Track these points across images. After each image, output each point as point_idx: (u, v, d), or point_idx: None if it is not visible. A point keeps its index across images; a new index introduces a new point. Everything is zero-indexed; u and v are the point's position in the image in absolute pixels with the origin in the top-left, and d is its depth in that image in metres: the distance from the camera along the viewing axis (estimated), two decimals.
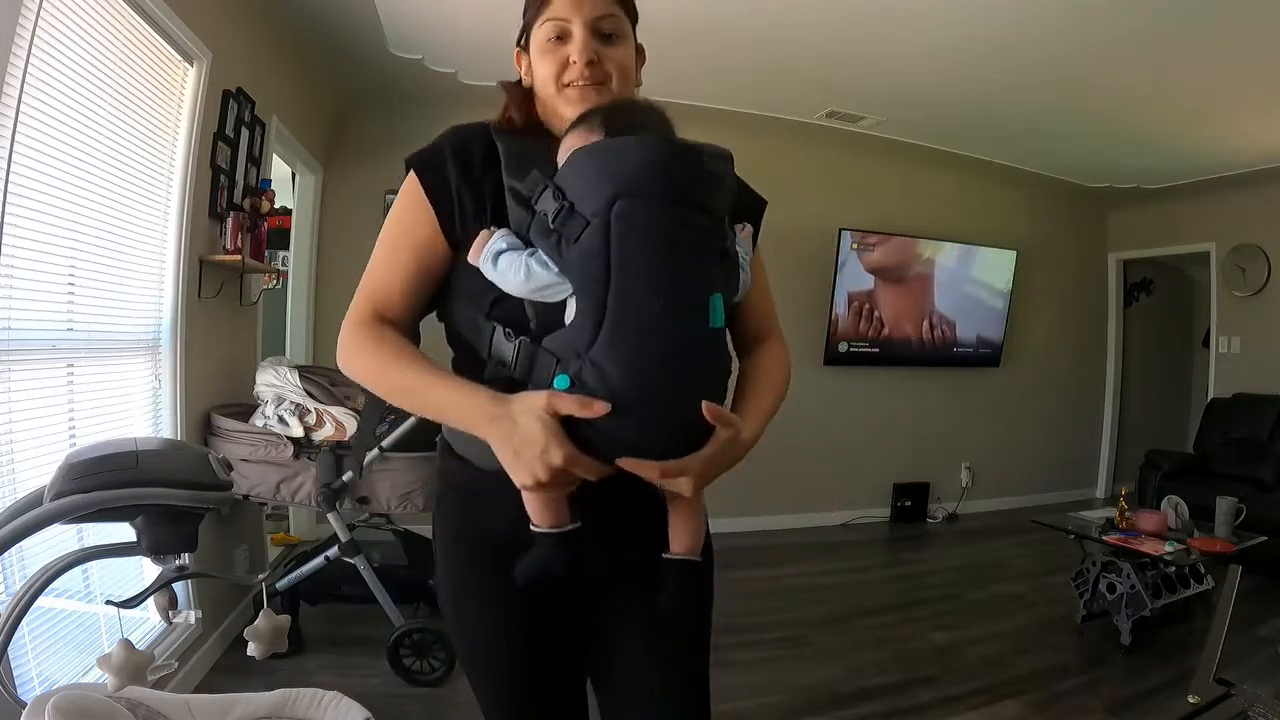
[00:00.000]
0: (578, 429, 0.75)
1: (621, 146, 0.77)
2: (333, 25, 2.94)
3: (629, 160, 0.76)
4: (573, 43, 0.87)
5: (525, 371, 0.79)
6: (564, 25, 0.87)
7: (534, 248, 0.80)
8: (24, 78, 1.44)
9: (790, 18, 2.80)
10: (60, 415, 1.71)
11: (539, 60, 0.90)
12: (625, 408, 0.73)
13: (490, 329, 0.82)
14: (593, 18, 0.87)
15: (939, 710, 2.28)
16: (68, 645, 1.68)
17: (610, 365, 0.73)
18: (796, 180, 4.28)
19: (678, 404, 0.76)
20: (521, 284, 0.78)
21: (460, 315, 0.89)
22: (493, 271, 0.80)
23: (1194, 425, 4.78)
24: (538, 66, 0.90)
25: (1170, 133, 3.88)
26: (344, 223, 3.82)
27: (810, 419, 4.44)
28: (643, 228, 0.75)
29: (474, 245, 0.83)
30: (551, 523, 0.82)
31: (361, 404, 2.42)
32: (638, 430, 0.76)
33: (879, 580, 3.65)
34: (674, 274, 0.76)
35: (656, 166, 0.76)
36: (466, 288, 0.86)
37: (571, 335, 0.76)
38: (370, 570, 2.35)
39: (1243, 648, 2.60)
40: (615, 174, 0.75)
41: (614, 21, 0.89)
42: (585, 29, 0.87)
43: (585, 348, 0.74)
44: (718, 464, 0.81)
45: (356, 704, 1.28)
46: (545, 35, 0.88)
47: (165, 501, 1.11)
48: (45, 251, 1.62)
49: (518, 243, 0.81)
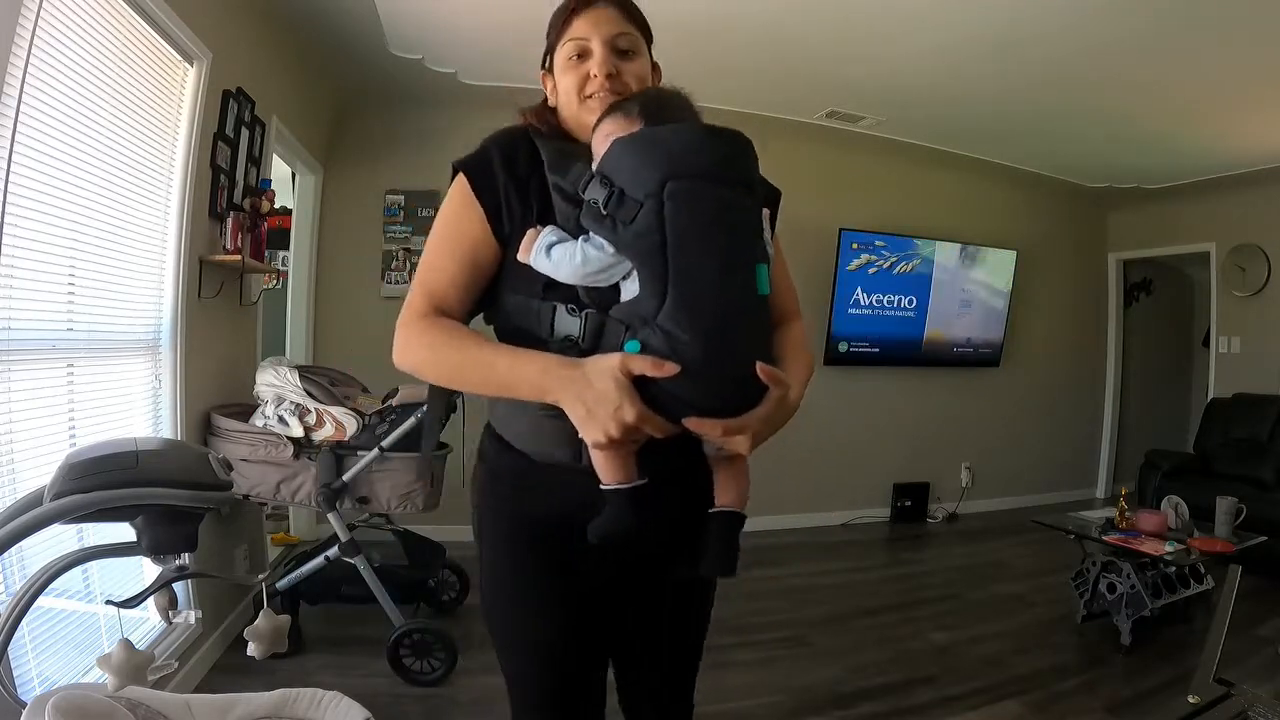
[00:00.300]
0: (646, 390, 0.81)
1: (664, 133, 0.85)
2: (333, 25, 2.94)
3: (674, 146, 0.84)
4: (593, 59, 0.96)
5: (594, 340, 0.86)
6: (584, 44, 0.96)
7: (585, 236, 0.86)
8: (24, 78, 1.44)
9: (790, 18, 2.80)
10: (60, 415, 1.71)
11: (562, 76, 0.98)
12: (692, 369, 0.80)
13: (550, 308, 0.89)
14: (610, 35, 0.96)
15: (939, 710, 2.28)
16: (68, 645, 1.68)
17: (677, 330, 0.80)
18: (796, 180, 4.18)
19: (736, 364, 0.84)
20: (577, 269, 0.85)
21: (513, 304, 0.94)
22: (546, 263, 0.87)
23: (1194, 425, 4.78)
24: (561, 82, 0.98)
25: (1170, 133, 3.88)
26: (344, 223, 3.83)
27: (810, 419, 4.40)
28: (694, 206, 0.82)
29: (523, 244, 0.89)
30: (622, 479, 0.88)
31: (362, 404, 2.42)
32: (704, 389, 0.82)
33: (879, 580, 3.65)
34: (725, 246, 0.83)
35: (700, 150, 0.85)
36: (518, 279, 0.92)
37: (636, 305, 0.83)
38: (370, 570, 2.35)
39: (1243, 648, 2.60)
40: (662, 159, 0.82)
41: (630, 39, 0.98)
42: (604, 46, 0.96)
43: (652, 315, 0.81)
44: (772, 423, 0.88)
45: (356, 704, 1.28)
46: (567, 54, 0.97)
47: (165, 501, 1.10)
48: (45, 251, 1.62)
49: (566, 236, 0.88)
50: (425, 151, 3.82)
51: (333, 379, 2.52)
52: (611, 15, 0.97)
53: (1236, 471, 4.12)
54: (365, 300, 3.85)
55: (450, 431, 2.48)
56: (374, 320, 3.85)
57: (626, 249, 0.82)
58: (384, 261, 3.86)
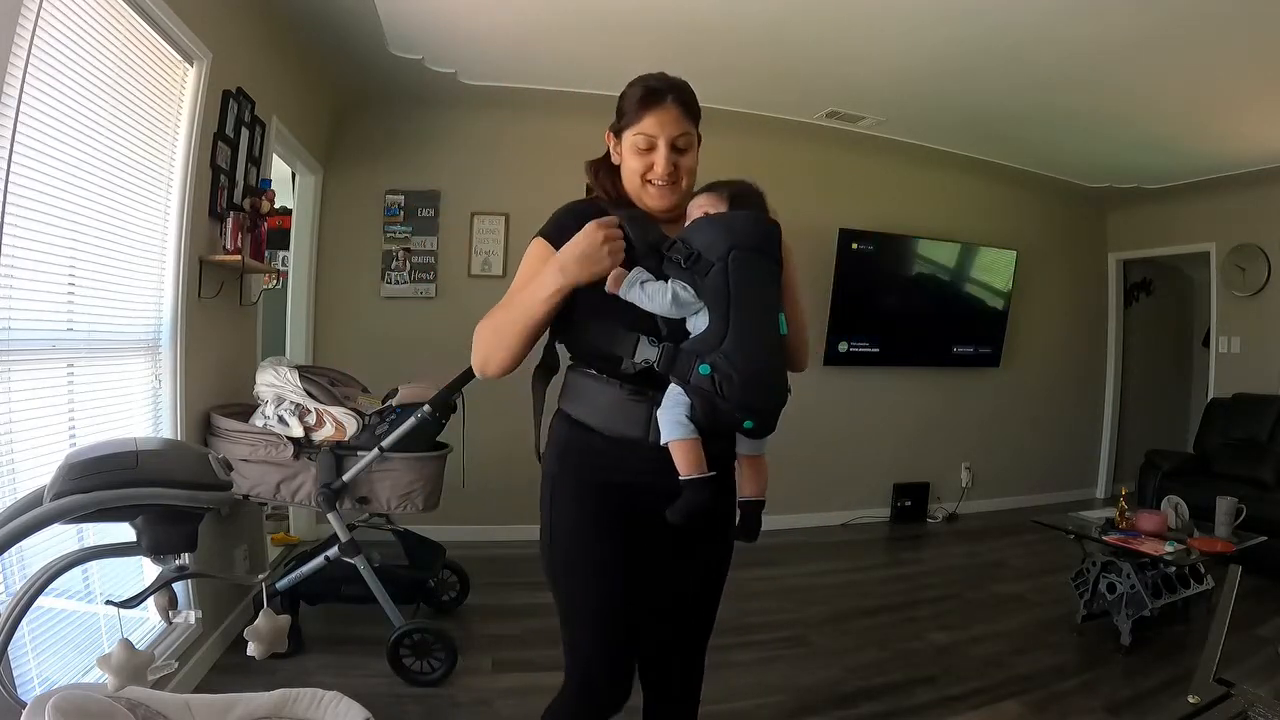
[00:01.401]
0: (711, 401, 1.10)
1: (736, 218, 1.19)
2: (333, 25, 2.94)
3: (736, 225, 1.17)
4: (658, 154, 1.21)
5: (668, 365, 1.13)
6: (652, 140, 1.21)
7: (668, 279, 1.14)
8: (24, 78, 1.43)
9: (790, 18, 2.80)
10: (60, 415, 1.71)
11: (630, 156, 1.23)
12: (746, 381, 1.10)
13: (635, 337, 1.15)
14: (673, 136, 1.21)
15: (939, 710, 2.28)
16: (68, 645, 1.68)
17: (736, 354, 1.10)
18: (796, 180, 4.27)
19: (775, 377, 1.16)
20: (669, 303, 1.12)
21: (597, 329, 1.19)
22: (640, 295, 1.13)
23: (1194, 425, 4.78)
24: (628, 160, 1.24)
25: (1170, 133, 3.88)
26: (344, 223, 3.83)
27: (810, 419, 4.43)
28: (747, 269, 1.14)
29: (611, 279, 1.14)
30: (698, 471, 1.15)
31: (362, 404, 2.42)
32: (756, 395, 1.13)
33: (879, 580, 3.65)
34: (762, 297, 1.16)
35: (753, 231, 1.18)
36: (604, 309, 1.17)
37: (706, 338, 1.12)
38: (370, 570, 2.35)
39: (1243, 648, 2.60)
40: (731, 235, 1.15)
41: (687, 138, 1.24)
42: (667, 145, 1.21)
43: (718, 344, 1.10)
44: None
45: (356, 704, 1.28)
46: (637, 144, 1.22)
47: (165, 501, 1.10)
48: (45, 251, 1.62)
49: (652, 277, 1.15)
50: (425, 151, 3.83)
51: (333, 379, 2.52)
52: (676, 115, 1.21)
53: (1236, 471, 4.12)
54: (365, 300, 3.85)
55: (450, 432, 2.48)
56: (374, 320, 3.85)
57: (705, 294, 1.12)
58: (384, 261, 3.86)
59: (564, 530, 1.28)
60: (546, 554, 1.30)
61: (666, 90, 1.21)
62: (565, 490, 1.28)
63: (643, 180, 1.23)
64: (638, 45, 3.03)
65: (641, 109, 1.20)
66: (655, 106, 1.19)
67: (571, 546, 1.27)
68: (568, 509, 1.27)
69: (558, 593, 1.29)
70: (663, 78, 1.23)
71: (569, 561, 1.28)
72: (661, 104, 1.20)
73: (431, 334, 3.58)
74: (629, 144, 1.23)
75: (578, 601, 1.28)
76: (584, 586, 1.27)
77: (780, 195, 1.34)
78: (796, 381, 1.22)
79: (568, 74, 3.37)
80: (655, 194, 1.23)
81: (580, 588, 1.27)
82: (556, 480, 1.29)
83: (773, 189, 1.29)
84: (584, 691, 1.28)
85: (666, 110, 1.20)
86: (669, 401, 1.16)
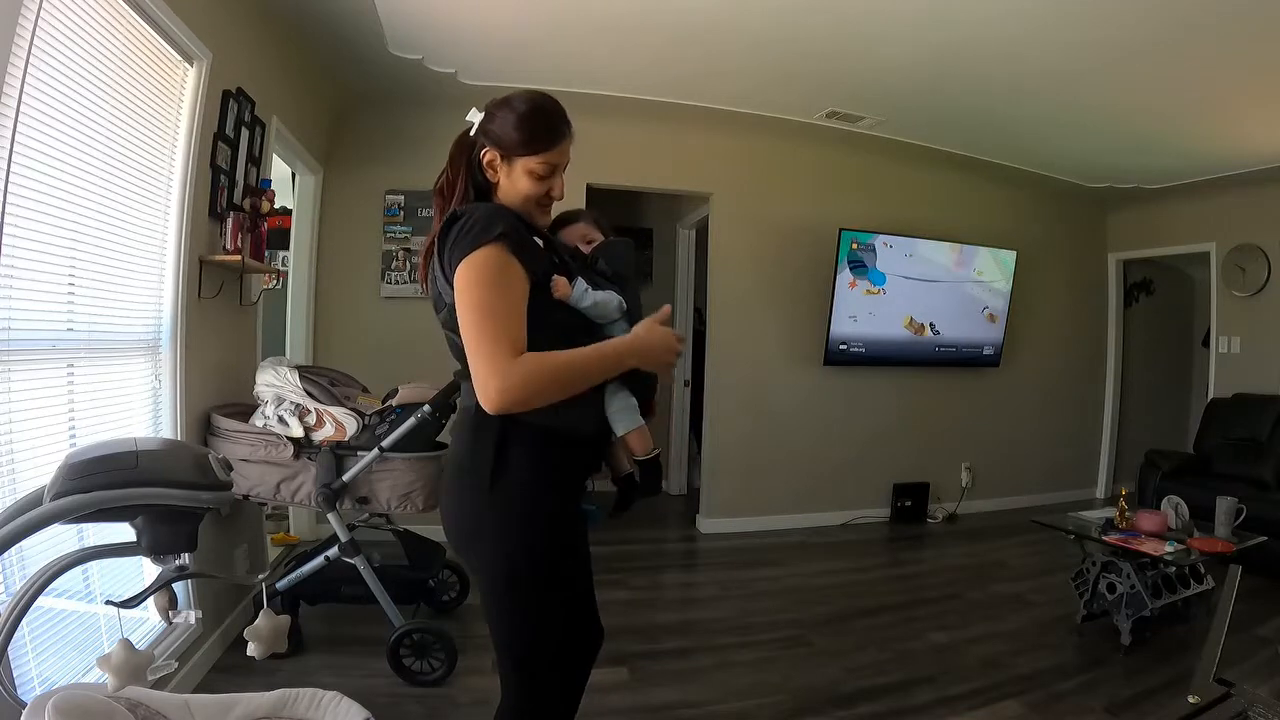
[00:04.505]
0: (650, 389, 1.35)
1: (630, 245, 1.47)
2: (333, 25, 2.94)
3: (631, 256, 1.46)
4: (556, 178, 1.28)
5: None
6: (555, 167, 1.26)
7: (598, 286, 1.30)
8: (24, 78, 1.44)
9: (790, 18, 2.80)
10: (60, 415, 1.71)
11: (524, 180, 1.24)
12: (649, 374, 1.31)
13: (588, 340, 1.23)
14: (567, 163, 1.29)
15: (939, 710, 2.28)
16: (68, 645, 1.68)
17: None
18: (796, 180, 4.27)
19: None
20: (615, 309, 1.29)
21: (553, 339, 1.18)
22: (588, 300, 1.24)
23: (1194, 425, 4.78)
24: (520, 183, 1.25)
25: (1170, 133, 3.88)
26: (344, 223, 3.83)
27: (810, 419, 4.45)
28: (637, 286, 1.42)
29: (559, 287, 1.21)
30: (652, 449, 1.32)
31: (361, 404, 2.42)
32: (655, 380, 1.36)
33: (879, 580, 3.65)
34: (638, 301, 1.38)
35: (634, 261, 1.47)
36: (552, 319, 1.21)
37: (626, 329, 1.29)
38: (370, 570, 2.36)
39: (1243, 648, 2.61)
40: (631, 261, 1.44)
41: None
42: (563, 170, 1.29)
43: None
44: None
45: (356, 704, 1.28)
46: (543, 170, 1.24)
47: (165, 501, 1.11)
48: (45, 251, 1.62)
49: (589, 286, 1.27)
50: (425, 151, 3.80)
51: (333, 379, 2.52)
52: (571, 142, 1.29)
53: (1236, 471, 4.12)
54: (365, 300, 3.85)
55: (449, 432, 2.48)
56: (374, 320, 3.85)
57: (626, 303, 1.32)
58: (384, 261, 3.86)
59: (552, 526, 1.25)
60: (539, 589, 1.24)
61: (569, 123, 1.27)
62: (555, 488, 1.25)
63: (537, 204, 1.28)
64: (638, 46, 3.03)
65: (556, 139, 1.24)
66: (565, 139, 1.25)
67: (559, 546, 1.26)
68: (554, 509, 1.25)
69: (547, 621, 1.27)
70: (557, 106, 1.27)
71: (558, 560, 1.27)
72: (569, 135, 1.26)
73: (432, 334, 3.55)
74: (527, 168, 1.24)
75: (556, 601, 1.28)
76: (565, 599, 1.30)
77: (780, 195, 1.35)
78: (797, 381, 1.27)
79: (568, 74, 3.37)
80: (543, 215, 1.31)
81: (561, 597, 1.29)
82: (540, 480, 1.22)
83: (773, 188, 1.32)
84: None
85: (569, 140, 1.27)
86: (616, 397, 1.27)
